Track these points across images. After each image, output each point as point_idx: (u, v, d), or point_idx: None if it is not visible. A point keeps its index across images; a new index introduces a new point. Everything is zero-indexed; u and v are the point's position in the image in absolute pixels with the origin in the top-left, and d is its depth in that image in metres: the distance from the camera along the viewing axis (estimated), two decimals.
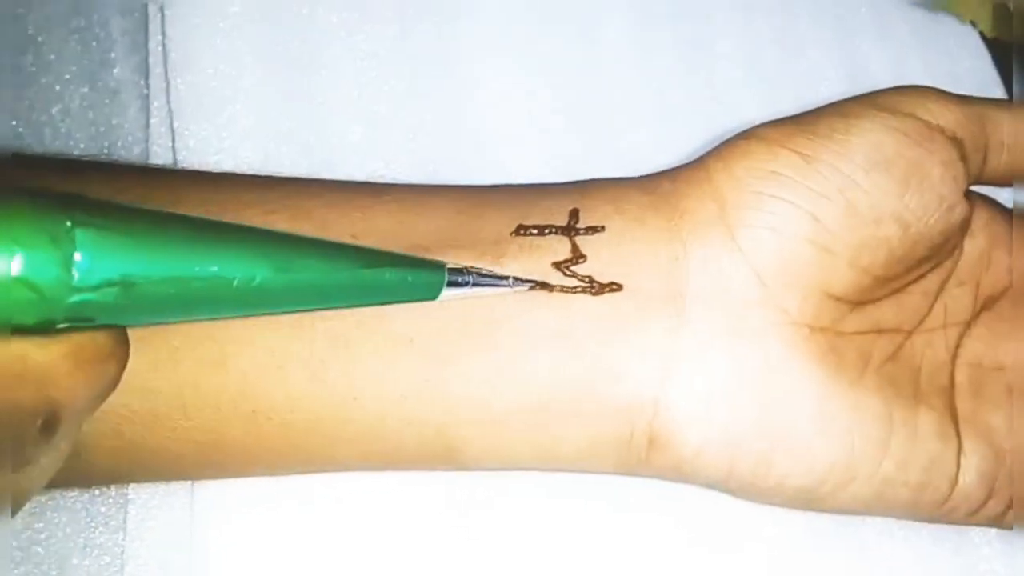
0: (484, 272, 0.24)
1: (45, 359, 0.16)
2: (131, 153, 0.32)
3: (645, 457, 0.26)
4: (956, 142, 0.26)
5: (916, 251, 0.26)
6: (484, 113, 0.34)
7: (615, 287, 0.25)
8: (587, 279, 0.25)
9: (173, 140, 0.32)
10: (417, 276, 0.22)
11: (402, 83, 0.34)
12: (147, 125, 0.32)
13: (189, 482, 0.28)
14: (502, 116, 0.35)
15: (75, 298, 0.16)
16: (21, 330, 0.15)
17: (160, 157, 0.32)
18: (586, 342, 0.25)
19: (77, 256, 0.16)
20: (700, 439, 0.25)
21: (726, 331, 0.25)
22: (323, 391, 0.25)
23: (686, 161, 0.28)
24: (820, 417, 0.25)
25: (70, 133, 0.32)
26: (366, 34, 0.34)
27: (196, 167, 0.31)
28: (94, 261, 0.16)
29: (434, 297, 0.23)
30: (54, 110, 0.32)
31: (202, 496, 0.28)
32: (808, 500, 0.26)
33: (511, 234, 0.26)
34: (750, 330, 0.25)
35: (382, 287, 0.22)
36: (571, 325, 0.25)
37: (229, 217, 0.25)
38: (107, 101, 0.32)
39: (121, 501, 0.28)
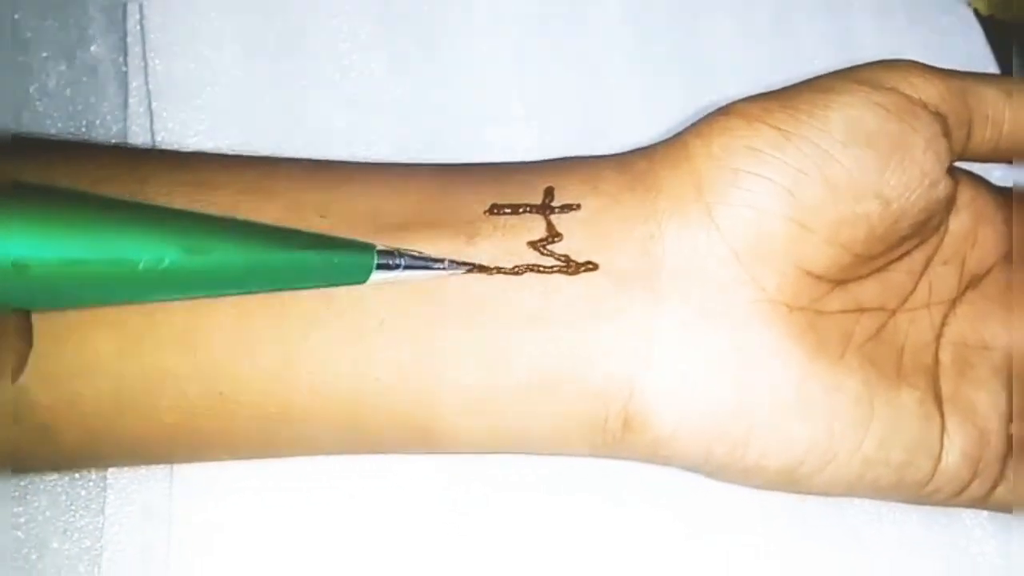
0: (416, 255, 0.24)
1: None
2: (109, 132, 0.32)
3: (620, 439, 0.25)
4: (939, 117, 0.26)
5: (898, 228, 0.26)
6: (467, 97, 0.34)
7: (590, 266, 0.25)
8: (563, 258, 0.25)
9: (151, 122, 0.31)
10: (344, 259, 0.22)
11: (384, 66, 0.34)
12: (125, 104, 0.32)
13: (168, 466, 0.28)
14: (485, 100, 0.34)
15: None
16: None
17: (138, 138, 0.31)
18: (561, 322, 0.25)
19: None
20: (676, 420, 0.25)
21: (703, 310, 0.25)
22: (294, 373, 0.24)
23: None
24: (799, 397, 0.25)
25: (47, 112, 0.31)
26: (347, 16, 0.34)
27: (175, 149, 0.31)
28: None
29: (363, 281, 0.22)
30: (31, 89, 0.32)
31: (181, 480, 0.28)
32: (788, 481, 0.26)
33: (485, 213, 0.25)
34: (727, 309, 0.25)
35: (306, 270, 0.21)
36: (547, 306, 0.25)
37: (198, 198, 0.25)
38: (84, 79, 0.32)
39: (101, 485, 0.28)
